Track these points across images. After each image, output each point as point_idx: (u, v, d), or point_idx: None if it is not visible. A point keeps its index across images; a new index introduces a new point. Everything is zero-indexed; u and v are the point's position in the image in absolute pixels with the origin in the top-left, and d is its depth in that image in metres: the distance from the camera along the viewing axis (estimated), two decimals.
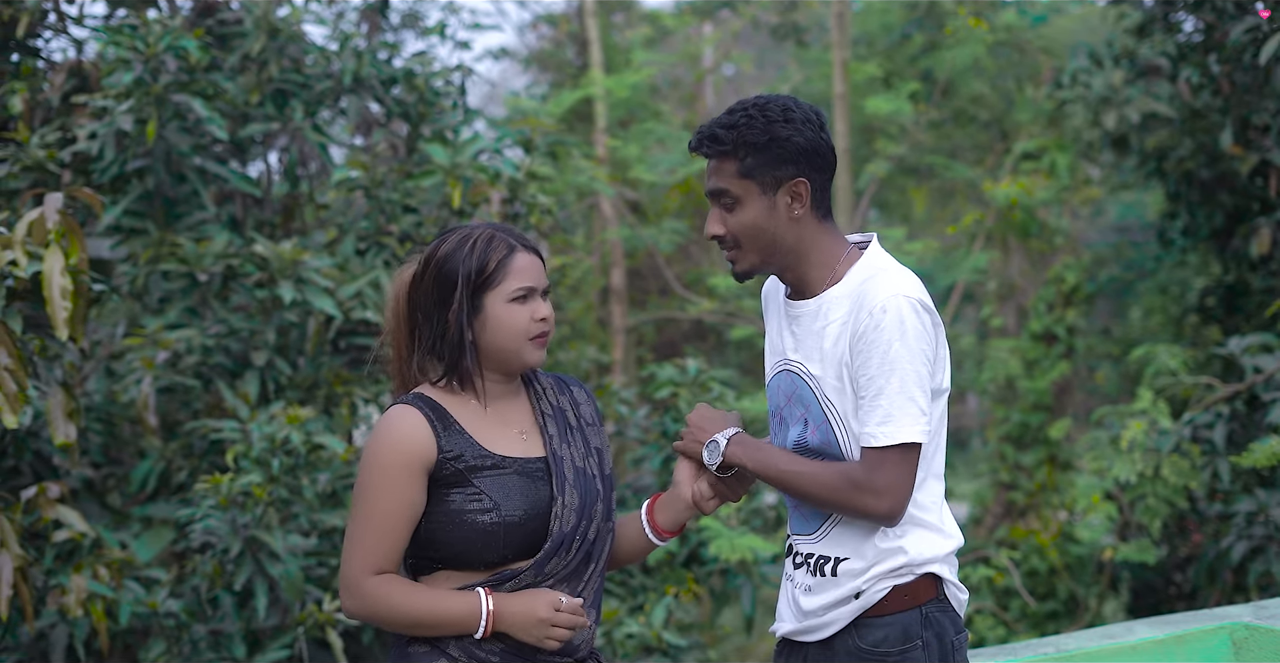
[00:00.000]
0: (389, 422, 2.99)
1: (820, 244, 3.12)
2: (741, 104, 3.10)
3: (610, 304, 18.25)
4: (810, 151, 3.06)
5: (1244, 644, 4.50)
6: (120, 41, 7.56)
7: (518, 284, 3.02)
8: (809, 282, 3.14)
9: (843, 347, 3.04)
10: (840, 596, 3.08)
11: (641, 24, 20.71)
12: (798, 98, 3.12)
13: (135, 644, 7.04)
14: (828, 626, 3.11)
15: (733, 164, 3.07)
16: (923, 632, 3.06)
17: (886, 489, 2.98)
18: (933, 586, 3.09)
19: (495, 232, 3.05)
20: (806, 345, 3.13)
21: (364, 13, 10.83)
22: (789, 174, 3.06)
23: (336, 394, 7.75)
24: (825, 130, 3.10)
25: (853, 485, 2.99)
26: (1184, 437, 9.91)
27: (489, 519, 2.94)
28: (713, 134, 3.08)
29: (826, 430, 3.08)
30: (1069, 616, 12.75)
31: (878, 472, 2.98)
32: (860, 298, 3.04)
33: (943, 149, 19.03)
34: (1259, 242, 11.23)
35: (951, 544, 3.11)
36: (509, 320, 3.02)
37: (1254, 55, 10.55)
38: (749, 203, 3.07)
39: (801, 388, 3.13)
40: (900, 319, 2.97)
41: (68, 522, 6.07)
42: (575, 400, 3.19)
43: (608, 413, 9.26)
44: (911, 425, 2.97)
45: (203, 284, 7.71)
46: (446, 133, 8.85)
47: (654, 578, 8.31)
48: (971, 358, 17.52)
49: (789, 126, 3.04)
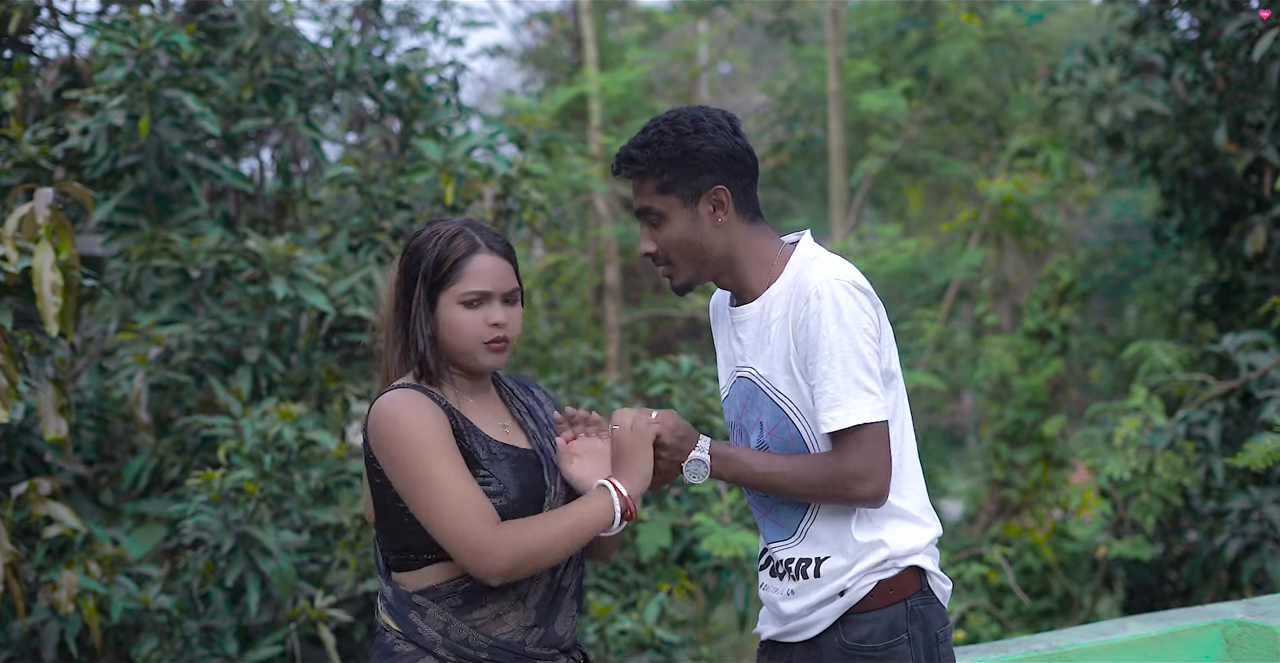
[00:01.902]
0: (400, 402, 2.93)
1: (752, 246, 3.14)
2: (654, 121, 3.13)
3: (604, 301, 18.25)
4: (725, 158, 3.08)
5: (1236, 641, 4.50)
6: (113, 37, 7.55)
7: (469, 288, 2.97)
8: (748, 285, 3.15)
9: (787, 339, 3.06)
10: (824, 595, 3.08)
11: (636, 21, 20.71)
12: (709, 107, 3.14)
13: (127, 640, 7.03)
14: (812, 625, 3.11)
15: (651, 182, 3.09)
16: (908, 626, 3.06)
17: (866, 472, 2.99)
18: (916, 579, 3.09)
19: (464, 229, 3.01)
20: (754, 348, 3.14)
21: (357, 9, 10.81)
22: (707, 183, 3.08)
23: (329, 390, 7.74)
24: (740, 135, 3.12)
25: (834, 474, 3.00)
26: (1178, 434, 9.91)
27: (498, 503, 2.91)
28: (628, 155, 3.11)
29: (785, 428, 3.09)
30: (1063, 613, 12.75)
31: (850, 456, 2.99)
32: (795, 289, 3.06)
33: (938, 146, 19.04)
34: (1254, 239, 11.23)
35: (931, 533, 3.12)
36: (459, 323, 2.98)
37: (1248, 52, 10.55)
38: (673, 217, 3.10)
39: (755, 393, 3.14)
40: (835, 302, 2.98)
41: (59, 518, 6.06)
42: (539, 400, 3.19)
43: (602, 410, 9.23)
44: (862, 406, 2.97)
45: (195, 280, 7.70)
46: (440, 129, 8.84)
47: (647, 575, 8.30)
48: (966, 355, 17.52)
49: (700, 137, 3.07)
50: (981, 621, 12.18)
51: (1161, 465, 9.75)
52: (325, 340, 7.95)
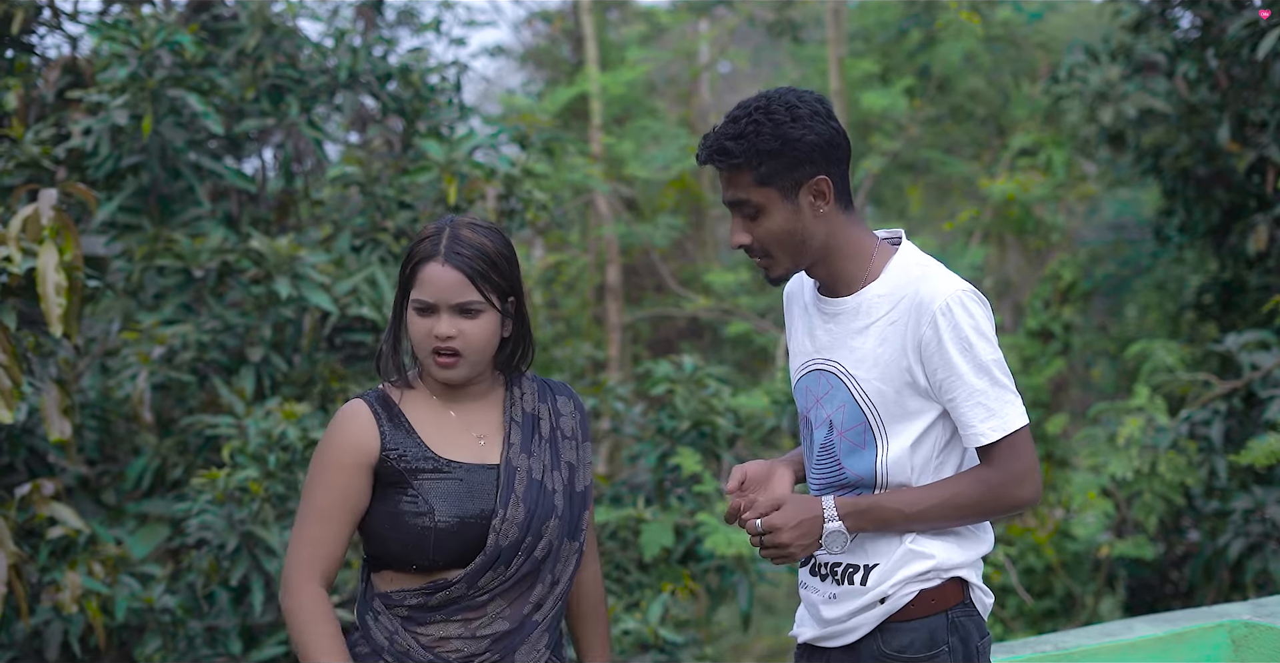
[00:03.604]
0: (336, 418, 2.98)
1: (850, 237, 3.02)
2: (744, 108, 2.96)
3: (606, 301, 18.24)
4: (826, 147, 2.94)
5: (1243, 642, 4.49)
6: (115, 37, 7.54)
7: (417, 295, 2.94)
8: (843, 277, 3.04)
9: (895, 350, 2.96)
10: (866, 602, 3.02)
11: (637, 21, 20.70)
12: (800, 90, 3.00)
13: (131, 641, 7.03)
14: (852, 631, 3.04)
15: (748, 174, 2.93)
16: (948, 637, 3.00)
17: (1026, 473, 2.93)
18: (959, 590, 3.03)
19: (439, 231, 2.96)
20: (845, 344, 3.04)
21: (359, 9, 10.81)
22: (808, 174, 2.94)
23: (332, 390, 7.73)
24: (834, 119, 2.99)
25: (995, 488, 2.94)
26: (1181, 433, 9.90)
27: (422, 523, 2.89)
28: (721, 147, 2.94)
29: (860, 432, 3.01)
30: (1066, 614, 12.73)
31: (1010, 462, 2.93)
32: (915, 300, 2.95)
33: (939, 145, 19.03)
34: (1256, 238, 11.22)
35: (982, 548, 3.06)
36: (411, 328, 2.97)
37: (1252, 50, 10.54)
38: (772, 210, 2.95)
39: (836, 387, 3.04)
40: (969, 315, 2.92)
41: (62, 518, 6.05)
42: (556, 410, 3.10)
43: (604, 409, 9.24)
44: (1013, 410, 2.93)
45: (198, 280, 7.70)
46: (442, 129, 8.83)
47: (650, 575, 8.29)
48: None
49: (798, 126, 2.92)
50: None
51: (1164, 465, 9.74)
52: (328, 340, 7.95)
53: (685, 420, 8.39)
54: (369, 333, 7.93)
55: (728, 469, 8.64)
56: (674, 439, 8.42)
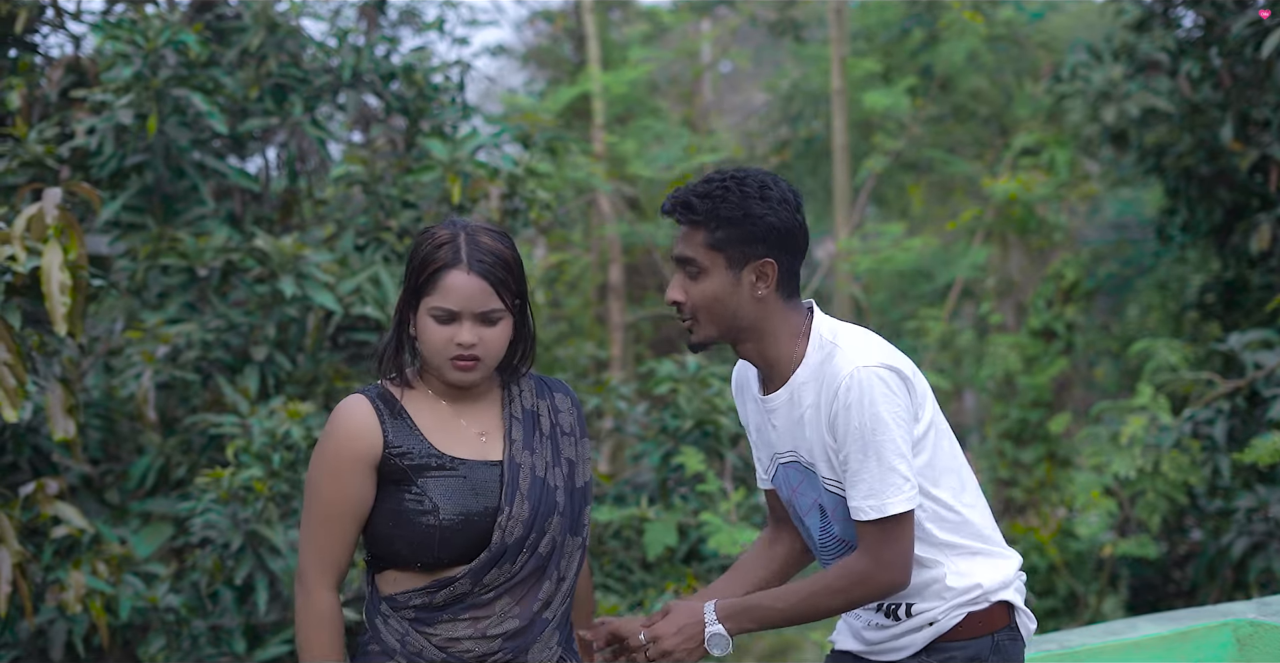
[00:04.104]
0: (337, 415, 2.97)
1: (783, 324, 3.06)
2: (721, 174, 3.03)
3: (608, 300, 18.24)
4: (783, 233, 3.00)
5: (1248, 641, 4.49)
6: (119, 36, 7.55)
7: (439, 303, 2.92)
8: (773, 362, 3.09)
9: (822, 431, 3.01)
10: (914, 626, 3.08)
11: (639, 20, 20.68)
12: (777, 176, 3.06)
13: (135, 640, 7.03)
14: (898, 650, 3.11)
15: (703, 234, 2.99)
16: (991, 657, 3.07)
17: (894, 560, 2.97)
18: (1005, 613, 3.09)
19: (456, 238, 2.94)
20: (792, 436, 3.10)
21: (362, 8, 10.80)
22: (758, 253, 2.99)
23: (336, 389, 7.73)
24: (800, 212, 3.04)
25: (861, 577, 2.98)
26: (1184, 433, 9.90)
27: (427, 521, 2.89)
28: (687, 202, 3.01)
29: (846, 509, 3.05)
30: (1069, 613, 12.73)
31: (880, 547, 2.96)
32: (822, 380, 3.01)
33: (941, 144, 19.01)
34: (1258, 237, 11.21)
35: (1015, 564, 3.12)
36: (427, 335, 2.94)
37: (1255, 49, 10.53)
38: (714, 275, 3.00)
39: (808, 477, 3.10)
40: (865, 395, 2.94)
41: (66, 518, 6.06)
42: (555, 407, 3.11)
43: (606, 409, 9.24)
44: (896, 495, 2.94)
45: (202, 279, 7.70)
46: (445, 128, 8.83)
47: (654, 574, 8.29)
48: (970, 354, 17.50)
49: (764, 205, 2.98)
50: None
51: (1168, 464, 9.74)
52: (332, 339, 7.95)
53: (688, 420, 8.39)
54: (373, 332, 7.93)
55: (730, 468, 8.65)
56: (677, 439, 8.42)
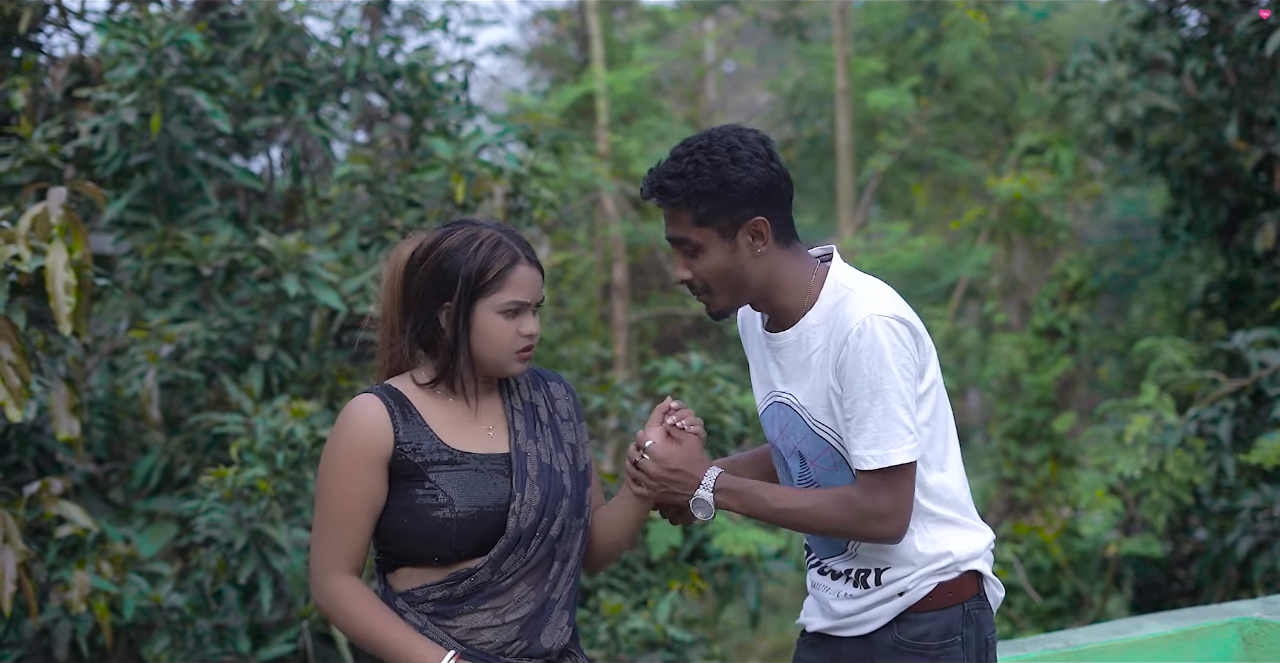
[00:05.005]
0: (348, 413, 2.98)
1: (790, 272, 3.07)
2: (686, 147, 3.01)
3: (612, 300, 18.23)
4: (765, 189, 2.99)
5: (1254, 640, 4.49)
6: (123, 35, 7.55)
7: (512, 297, 2.97)
8: (786, 310, 3.09)
9: (828, 375, 3.01)
10: (883, 596, 3.08)
11: (643, 20, 20.68)
12: (743, 130, 3.04)
13: (139, 639, 7.03)
14: (868, 622, 3.10)
15: (687, 213, 3.00)
16: (963, 628, 3.07)
17: (892, 512, 2.96)
18: (975, 583, 3.10)
19: (502, 237, 3.00)
20: (794, 377, 3.10)
21: (366, 8, 10.80)
22: (746, 215, 2.99)
23: (340, 388, 7.73)
24: (775, 160, 3.02)
25: (856, 512, 2.97)
26: (1189, 432, 9.89)
27: (443, 515, 2.91)
28: (662, 186, 3.01)
29: (829, 457, 3.07)
30: (1073, 612, 12.72)
31: (878, 495, 2.96)
32: (834, 324, 3.00)
33: (946, 144, 19.00)
34: (1263, 237, 11.20)
35: (988, 538, 3.13)
36: (496, 332, 2.98)
37: (1259, 48, 10.52)
38: (711, 249, 3.01)
39: (794, 420, 3.11)
40: (874, 339, 2.93)
41: (71, 517, 6.06)
42: (550, 395, 3.15)
43: (610, 408, 9.24)
44: (899, 446, 2.94)
45: (206, 278, 7.70)
46: (449, 127, 8.83)
47: (658, 573, 8.30)
48: (975, 353, 17.49)
49: (738, 168, 2.97)
50: None
51: (1172, 463, 9.73)
52: (336, 338, 7.95)
53: None
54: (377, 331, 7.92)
55: None
56: None
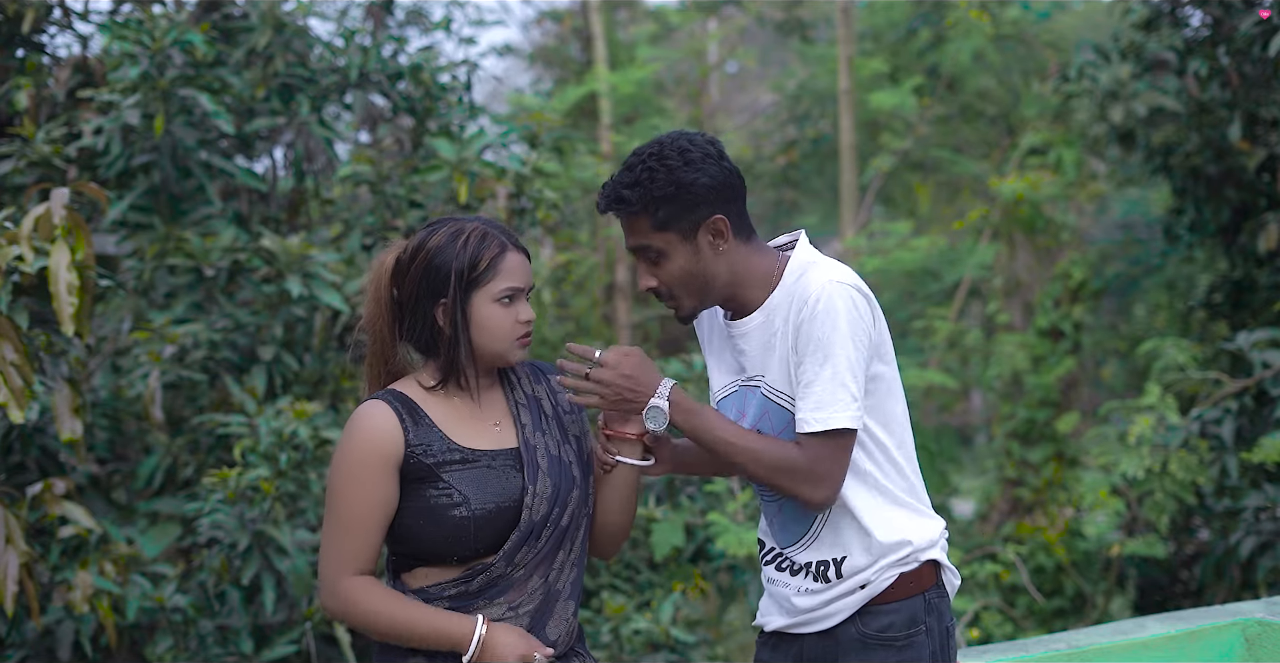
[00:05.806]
0: (358, 418, 2.98)
1: (753, 266, 3.11)
2: (639, 155, 3.06)
3: (614, 300, 18.24)
4: (719, 188, 3.04)
5: (1257, 640, 4.48)
6: (126, 36, 7.55)
7: (506, 284, 3.00)
8: (753, 302, 3.12)
9: (788, 343, 3.04)
10: (844, 590, 3.10)
11: (646, 20, 20.70)
12: (691, 133, 3.08)
13: (142, 640, 7.03)
14: (830, 616, 3.12)
15: (646, 220, 3.04)
16: (925, 617, 3.10)
17: (825, 476, 2.99)
18: (933, 572, 3.13)
19: (487, 229, 3.03)
20: (762, 358, 3.12)
21: (369, 8, 10.80)
22: (705, 215, 3.03)
23: (343, 389, 7.74)
24: (725, 159, 3.07)
25: (792, 469, 2.98)
26: (1192, 432, 9.89)
27: (459, 514, 2.92)
28: (618, 196, 3.05)
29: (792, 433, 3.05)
30: (1076, 612, 12.72)
31: (815, 459, 2.98)
32: (794, 295, 3.04)
33: (948, 144, 19.00)
34: (1266, 237, 11.19)
35: (940, 525, 3.16)
36: (495, 321, 3.00)
37: (1263, 48, 10.51)
38: (673, 252, 3.05)
39: (765, 404, 3.11)
40: (832, 306, 2.96)
41: (74, 518, 6.05)
42: (551, 389, 3.17)
43: None
44: (843, 411, 2.96)
45: (209, 279, 7.70)
46: (452, 128, 8.83)
47: (661, 574, 8.29)
48: (978, 354, 17.48)
49: (691, 169, 3.01)
50: (995, 620, 12.15)
51: (1175, 464, 9.72)
52: (339, 339, 7.95)
53: None
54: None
55: None
56: None
